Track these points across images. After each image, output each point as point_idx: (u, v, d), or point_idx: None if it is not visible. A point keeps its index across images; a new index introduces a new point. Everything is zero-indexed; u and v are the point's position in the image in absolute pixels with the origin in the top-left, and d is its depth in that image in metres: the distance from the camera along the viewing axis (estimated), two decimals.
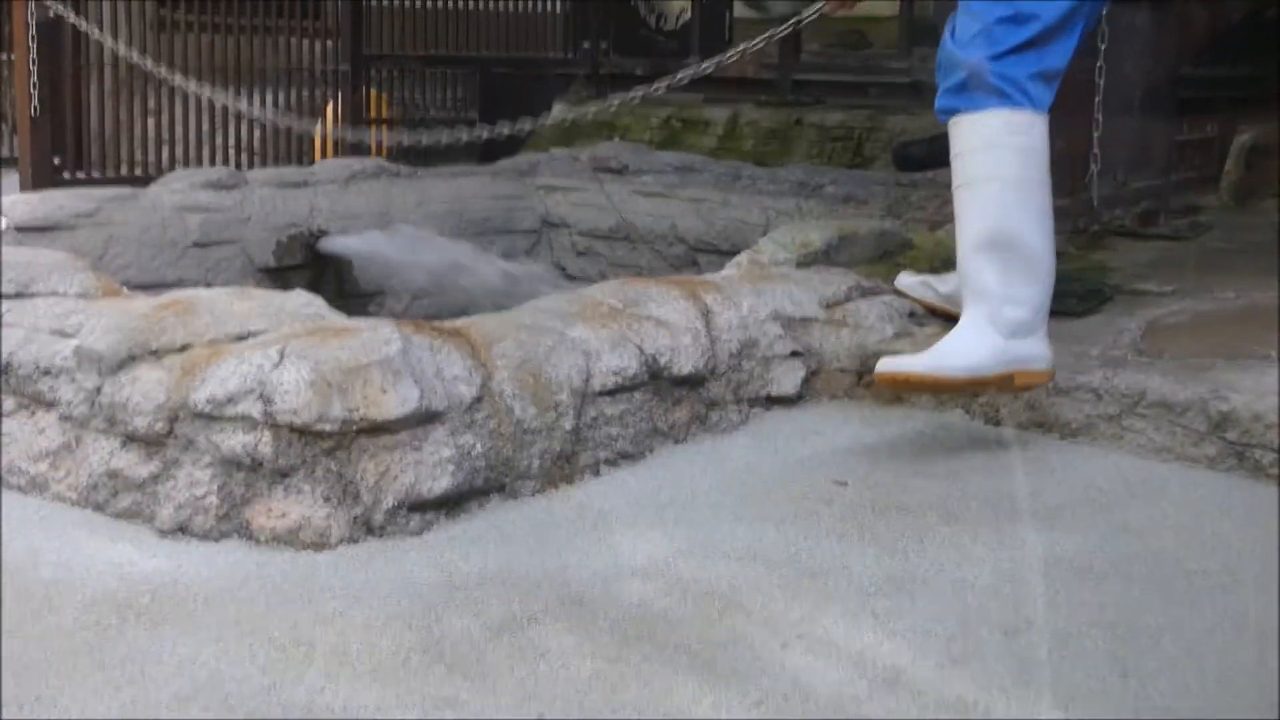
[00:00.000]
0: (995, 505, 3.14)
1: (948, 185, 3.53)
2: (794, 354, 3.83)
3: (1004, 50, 3.21)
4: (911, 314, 3.98)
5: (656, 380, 3.54)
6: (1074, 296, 4.10)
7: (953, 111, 3.35)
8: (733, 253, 6.75)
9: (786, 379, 3.81)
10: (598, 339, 3.49)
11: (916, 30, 8.78)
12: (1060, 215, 3.63)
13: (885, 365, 3.26)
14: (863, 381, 3.81)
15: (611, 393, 3.43)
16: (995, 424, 3.61)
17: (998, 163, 3.22)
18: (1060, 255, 3.52)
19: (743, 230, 6.77)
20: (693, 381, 3.62)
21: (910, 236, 4.77)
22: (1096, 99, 4.99)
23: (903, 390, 3.34)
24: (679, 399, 3.60)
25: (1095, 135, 5.04)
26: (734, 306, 3.80)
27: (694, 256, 7.02)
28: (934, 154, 6.64)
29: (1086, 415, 3.44)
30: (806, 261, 4.27)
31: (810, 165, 7.45)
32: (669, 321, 3.64)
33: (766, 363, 3.78)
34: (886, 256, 4.55)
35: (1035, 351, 3.23)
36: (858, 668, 2.41)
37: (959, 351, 3.16)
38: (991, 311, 3.18)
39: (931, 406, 3.71)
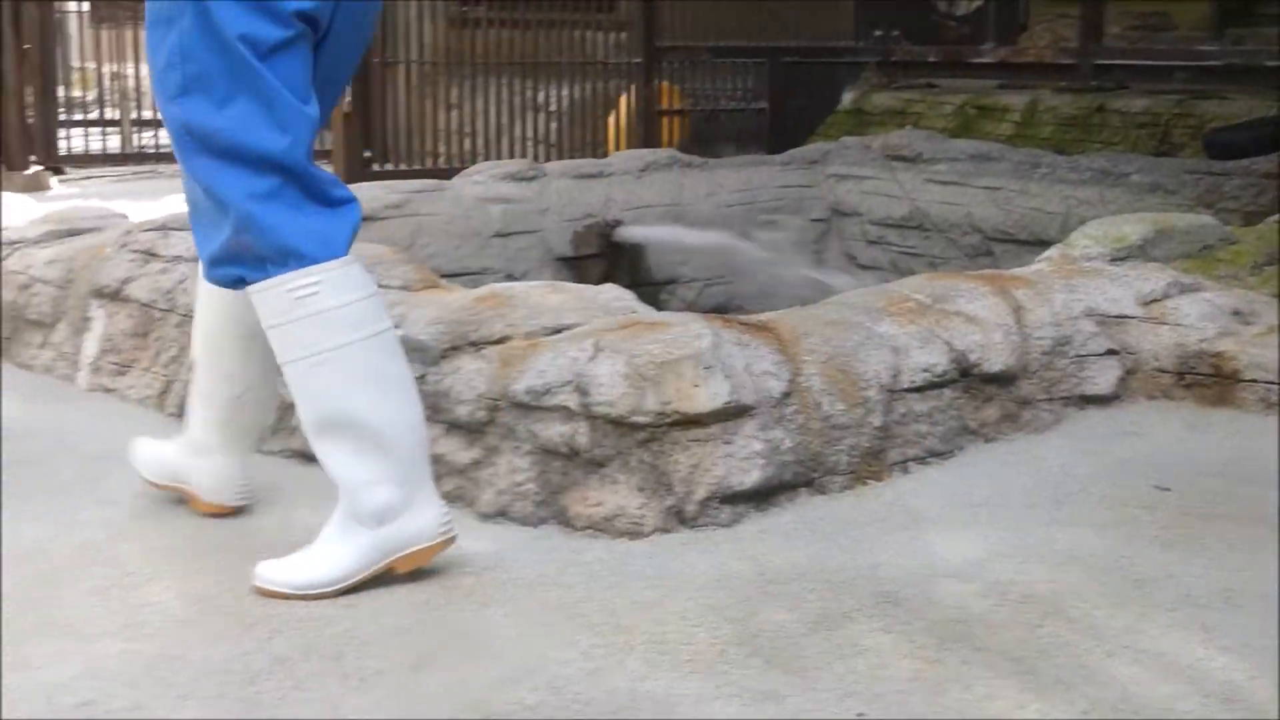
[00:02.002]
0: None
1: (1265, 174, 3.37)
2: (1109, 352, 3.73)
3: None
4: (1236, 312, 3.82)
5: (966, 377, 3.49)
6: None
7: (239, 281, 2.77)
8: (1031, 243, 6.61)
9: (1102, 378, 3.71)
10: (906, 335, 3.46)
11: (1228, 10, 8.40)
12: None
13: (258, 577, 2.76)
14: (1183, 382, 3.68)
15: (920, 389, 3.40)
16: None
17: (300, 339, 2.71)
18: None
19: (1042, 220, 6.61)
20: (1003, 379, 3.56)
21: (1229, 230, 4.57)
22: None
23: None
24: (989, 397, 3.54)
25: None
26: (1046, 302, 3.71)
27: (989, 246, 6.88)
28: (1250, 141, 6.36)
29: None
30: (1121, 256, 4.14)
31: (1114, 153, 7.20)
32: (979, 317, 3.58)
33: (1080, 361, 3.69)
34: (1206, 251, 4.37)
35: (415, 528, 2.75)
36: (1190, 682, 2.33)
37: (324, 563, 2.73)
38: (352, 503, 2.73)
39: (1260, 409, 3.56)
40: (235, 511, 3.12)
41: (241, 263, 2.72)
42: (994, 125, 8.66)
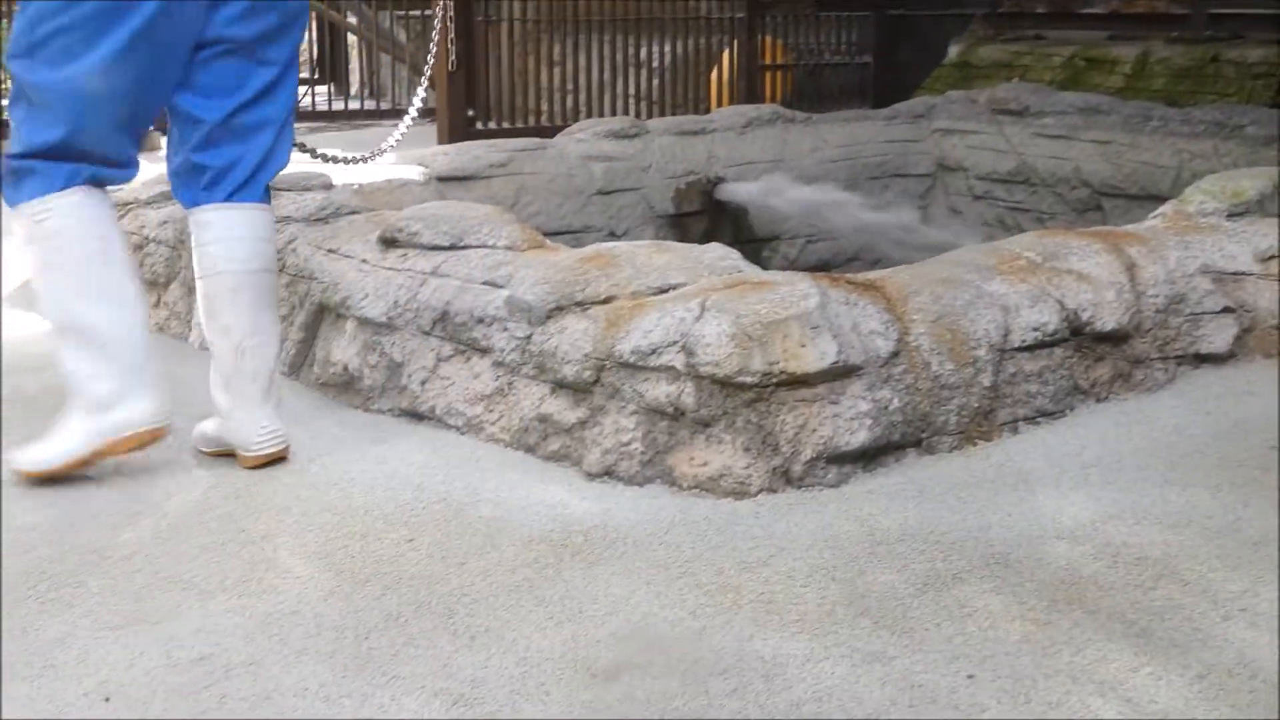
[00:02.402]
0: None
1: None
2: (1225, 310, 3.65)
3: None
4: None
5: (1078, 336, 3.44)
6: None
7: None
8: (1141, 198, 6.49)
9: (1217, 336, 3.64)
10: (1016, 293, 3.42)
11: None
12: None
13: (12, 461, 3.21)
14: None
15: (1031, 349, 3.36)
16: None
17: (39, 256, 3.17)
18: None
19: (1153, 174, 6.48)
20: (1116, 338, 3.50)
21: None
22: None
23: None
24: (1101, 356, 3.49)
25: None
26: (1160, 260, 3.65)
27: (1098, 201, 6.76)
28: None
29: None
30: (1238, 212, 4.04)
31: (1228, 104, 7.02)
32: (1091, 275, 3.52)
33: (1195, 319, 3.62)
34: None
35: (131, 416, 3.14)
36: None
37: (56, 445, 3.17)
38: (79, 393, 3.17)
39: None
40: (278, 460, 3.28)
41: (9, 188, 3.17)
42: (1103, 77, 8.48)
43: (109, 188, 3.25)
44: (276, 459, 3.27)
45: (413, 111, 5.87)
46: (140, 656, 2.36)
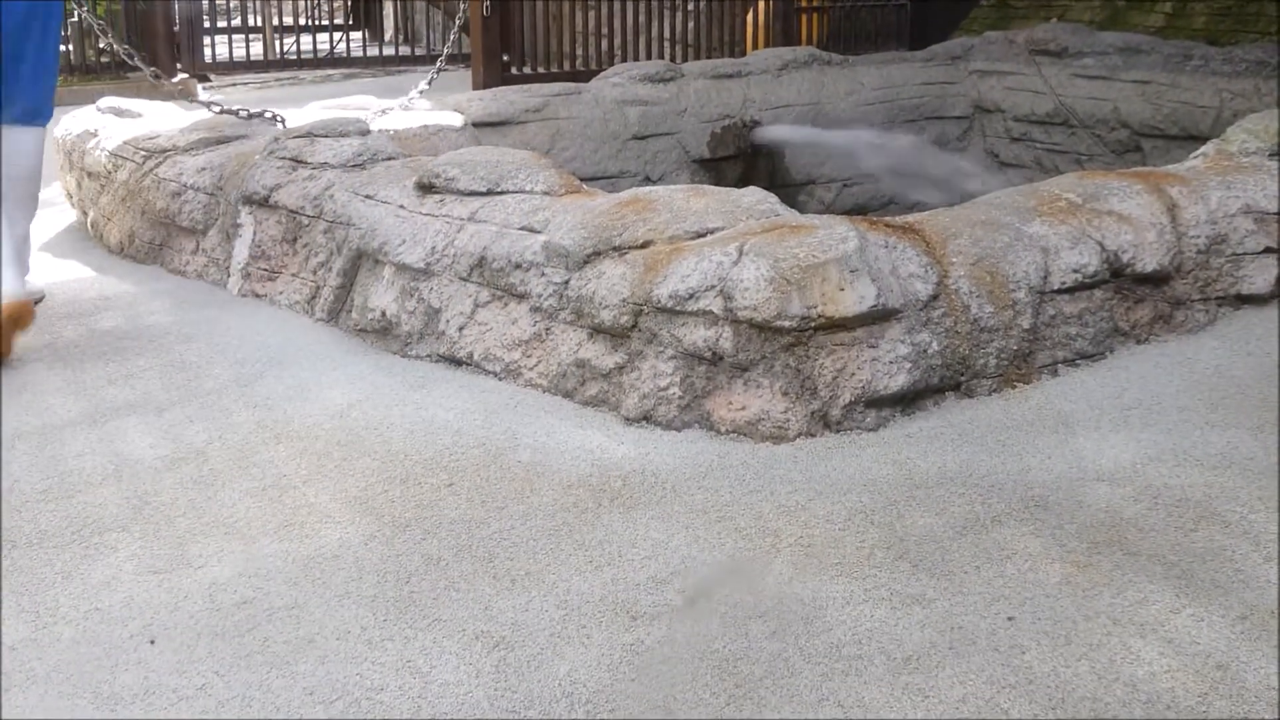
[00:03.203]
0: None
1: None
2: (1267, 250, 3.62)
3: None
4: None
5: (1118, 278, 3.42)
6: None
7: None
8: (1181, 138, 6.42)
9: (1259, 276, 3.60)
10: (1056, 235, 3.39)
11: None
12: None
13: None
14: None
15: (1070, 291, 3.34)
16: None
17: None
18: None
19: (1193, 114, 6.41)
20: (1156, 279, 3.47)
21: None
22: None
23: None
24: (1141, 297, 3.46)
25: None
26: (1201, 200, 3.61)
27: (1138, 142, 6.70)
28: None
29: None
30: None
31: (1270, 43, 6.92)
32: (1131, 216, 3.49)
33: (1237, 260, 3.59)
34: None
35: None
36: None
37: None
38: None
39: None
40: None
41: None
42: (1143, 17, 8.37)
43: None
44: None
45: (443, 57, 5.85)
46: (184, 600, 2.38)
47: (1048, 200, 3.54)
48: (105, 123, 5.27)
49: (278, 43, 11.05)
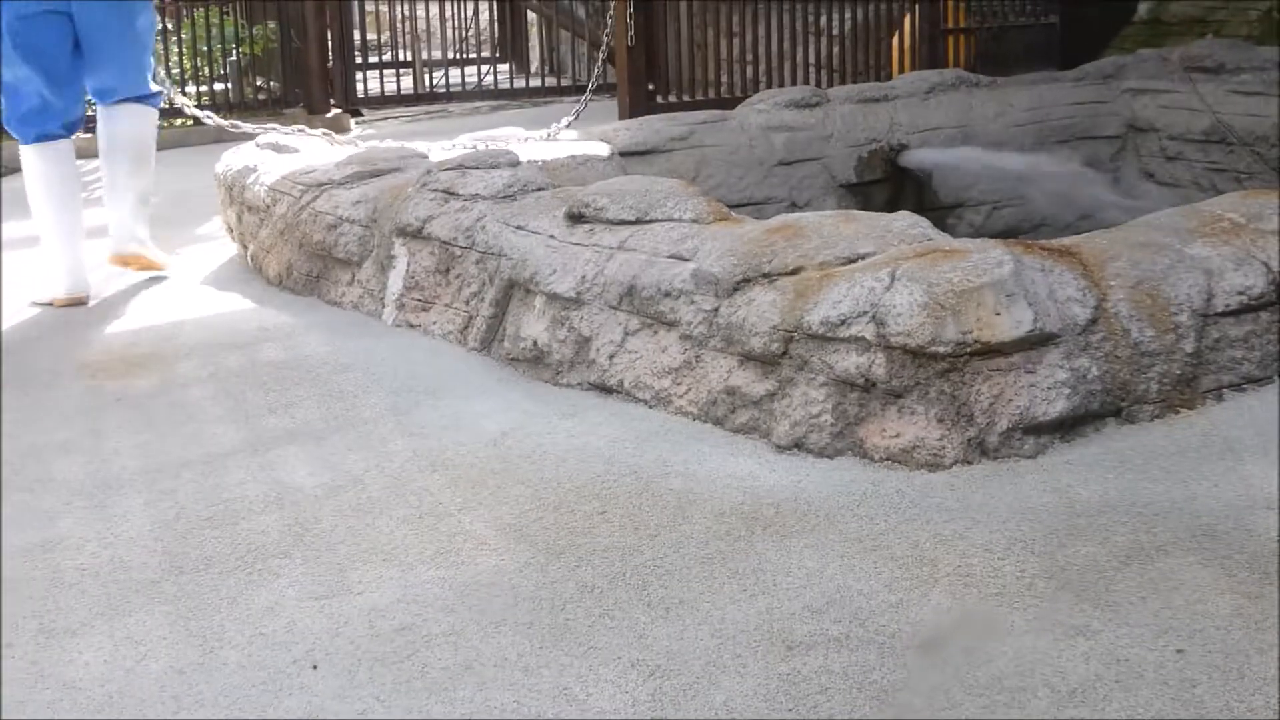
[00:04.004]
0: None
1: None
2: None
3: None
4: None
5: None
6: None
7: None
8: None
9: None
10: (1219, 256, 3.30)
11: None
12: None
13: None
14: None
15: (1235, 313, 3.25)
16: None
17: None
18: None
19: None
20: None
21: None
22: None
23: None
24: None
25: None
26: None
27: None
28: None
29: None
30: None
31: None
32: None
33: None
34: None
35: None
36: None
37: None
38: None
39: None
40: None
41: None
42: None
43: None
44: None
45: (590, 89, 5.90)
46: (345, 626, 2.42)
47: (1209, 220, 3.46)
48: (264, 158, 5.41)
49: (427, 76, 11.26)
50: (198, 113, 6.23)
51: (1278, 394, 3.22)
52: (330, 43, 9.60)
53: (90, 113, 5.21)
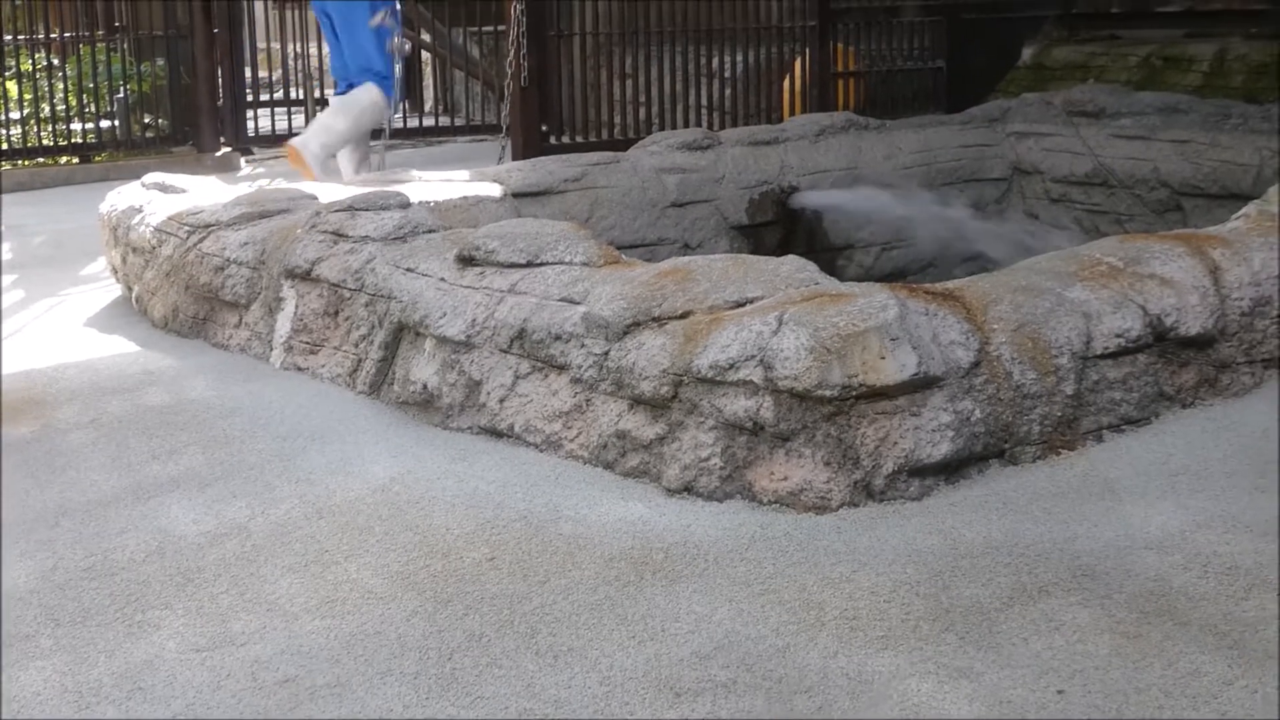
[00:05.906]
0: None
1: None
2: None
3: None
4: None
5: (1162, 342, 3.39)
6: None
7: None
8: (1222, 197, 6.38)
9: None
10: (1098, 299, 3.37)
11: None
12: None
13: None
14: None
15: (1114, 355, 3.32)
16: None
17: None
18: None
19: (1234, 173, 6.38)
20: (1200, 343, 3.45)
21: None
22: None
23: None
24: (1185, 361, 3.44)
25: None
26: (1244, 262, 3.59)
27: (1178, 201, 6.67)
28: None
29: None
30: None
31: None
32: (1173, 279, 3.47)
33: None
34: None
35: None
36: None
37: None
38: None
39: None
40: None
41: None
42: (1181, 76, 8.38)
43: None
44: None
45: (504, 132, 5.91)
46: (227, 679, 2.38)
47: (1089, 264, 3.53)
48: (150, 198, 5.33)
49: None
50: None
51: (1155, 435, 3.29)
52: (220, 80, 9.50)
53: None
